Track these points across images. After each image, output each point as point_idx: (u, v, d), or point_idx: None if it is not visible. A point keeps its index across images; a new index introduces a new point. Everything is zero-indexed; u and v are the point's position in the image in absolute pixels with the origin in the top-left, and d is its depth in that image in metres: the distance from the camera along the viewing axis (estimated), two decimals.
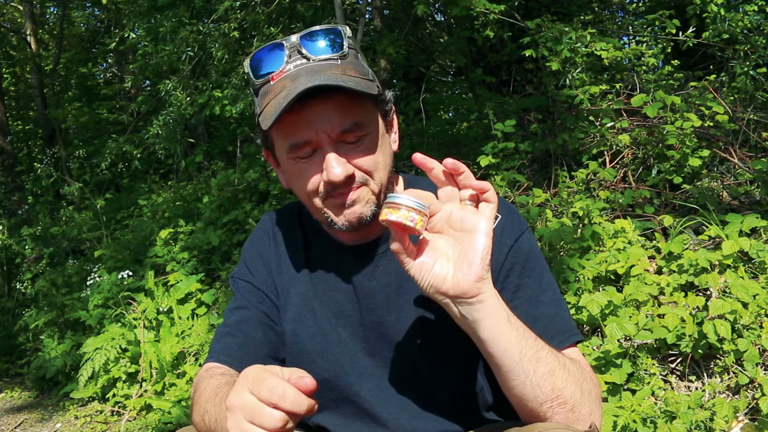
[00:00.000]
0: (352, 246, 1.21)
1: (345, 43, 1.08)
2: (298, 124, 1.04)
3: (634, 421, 2.27)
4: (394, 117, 1.21)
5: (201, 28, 4.46)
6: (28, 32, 10.11)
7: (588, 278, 2.84)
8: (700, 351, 2.47)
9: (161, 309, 4.12)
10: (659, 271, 2.86)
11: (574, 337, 1.12)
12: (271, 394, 0.77)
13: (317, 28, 1.09)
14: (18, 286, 6.38)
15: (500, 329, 0.95)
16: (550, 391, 0.96)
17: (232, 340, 1.20)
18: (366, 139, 1.08)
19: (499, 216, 1.05)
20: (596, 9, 5.74)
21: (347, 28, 1.11)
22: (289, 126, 1.05)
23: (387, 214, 0.92)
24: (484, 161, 3.87)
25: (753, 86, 4.09)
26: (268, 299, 1.24)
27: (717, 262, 2.67)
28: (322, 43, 1.07)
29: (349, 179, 1.06)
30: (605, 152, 3.98)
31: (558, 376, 0.96)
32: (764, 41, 4.24)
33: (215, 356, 1.19)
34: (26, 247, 6.63)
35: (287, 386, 0.77)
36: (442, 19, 6.39)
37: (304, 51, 1.06)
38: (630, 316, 2.54)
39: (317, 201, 1.10)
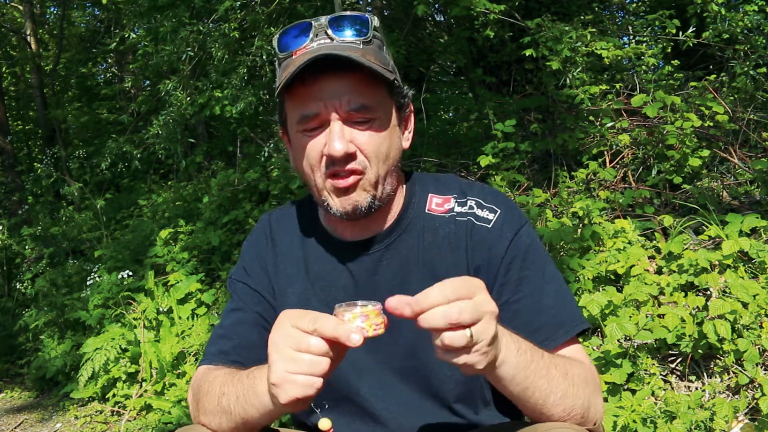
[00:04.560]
0: (353, 241, 1.21)
1: (370, 32, 1.10)
2: (310, 97, 1.06)
3: (634, 421, 2.27)
4: (411, 116, 1.22)
5: (201, 28, 4.46)
6: (28, 32, 10.11)
7: (588, 278, 2.84)
8: (700, 351, 2.47)
9: (161, 309, 4.12)
10: (659, 271, 2.86)
11: (579, 326, 1.13)
12: (312, 323, 0.84)
13: (346, 13, 1.12)
14: (18, 286, 6.39)
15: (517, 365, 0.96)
16: (561, 411, 0.99)
17: (227, 343, 1.20)
18: (374, 124, 1.09)
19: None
20: (596, 9, 5.72)
21: (375, 18, 1.13)
22: (302, 97, 1.07)
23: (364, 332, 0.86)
24: (484, 161, 3.87)
25: (753, 86, 4.09)
26: (265, 301, 1.24)
27: (717, 262, 2.67)
28: (348, 27, 1.10)
29: (349, 157, 1.07)
30: (605, 152, 3.98)
31: (569, 396, 0.99)
32: (764, 41, 4.24)
33: (210, 359, 1.19)
34: (26, 247, 6.64)
35: (328, 317, 0.85)
36: (442, 19, 6.38)
37: (329, 32, 1.09)
38: (630, 316, 2.54)
39: (319, 178, 1.11)
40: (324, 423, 1.05)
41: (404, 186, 1.24)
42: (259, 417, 1.01)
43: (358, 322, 0.86)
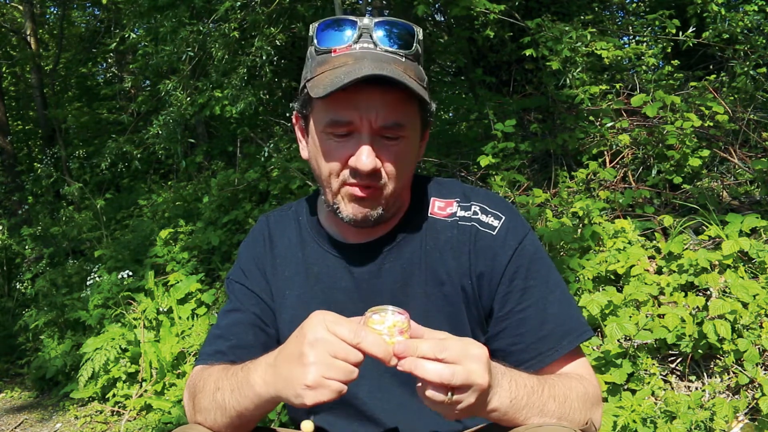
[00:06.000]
0: (356, 244, 1.20)
1: (415, 45, 1.09)
2: (347, 104, 1.04)
3: (634, 421, 2.27)
4: (428, 130, 1.22)
5: (201, 28, 4.46)
6: (28, 32, 10.09)
7: (588, 278, 2.84)
8: (700, 351, 2.47)
9: (161, 309, 4.12)
10: (659, 271, 2.86)
11: (584, 335, 1.14)
12: (354, 336, 0.86)
13: (394, 19, 1.10)
14: (18, 286, 6.39)
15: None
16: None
17: (223, 343, 1.20)
18: (401, 142, 1.08)
19: None
20: (596, 9, 5.72)
21: (420, 30, 1.11)
22: (338, 102, 1.04)
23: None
24: (484, 161, 3.87)
25: (753, 86, 4.09)
26: (262, 302, 1.23)
27: (717, 262, 2.67)
28: (394, 36, 1.08)
29: (375, 173, 1.07)
30: (605, 152, 3.98)
31: (564, 419, 1.01)
32: (764, 41, 4.24)
33: (206, 359, 1.19)
34: (26, 247, 6.64)
35: (369, 331, 0.87)
36: (442, 19, 6.38)
37: (374, 37, 1.06)
38: (630, 316, 2.54)
39: (335, 182, 1.10)
40: (307, 425, 1.05)
41: (408, 189, 1.23)
42: (254, 409, 1.01)
43: (397, 337, 0.89)
